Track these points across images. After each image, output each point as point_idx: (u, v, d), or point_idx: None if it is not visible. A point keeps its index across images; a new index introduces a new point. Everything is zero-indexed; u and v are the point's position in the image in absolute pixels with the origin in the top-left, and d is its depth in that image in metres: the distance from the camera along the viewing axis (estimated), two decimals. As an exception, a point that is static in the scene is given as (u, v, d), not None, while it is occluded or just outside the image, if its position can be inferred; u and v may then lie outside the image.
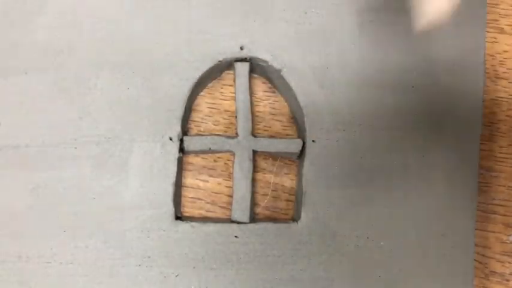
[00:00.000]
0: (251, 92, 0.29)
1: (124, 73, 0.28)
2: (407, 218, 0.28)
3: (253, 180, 0.29)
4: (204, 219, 0.28)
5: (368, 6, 0.29)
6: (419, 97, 0.28)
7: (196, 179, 0.29)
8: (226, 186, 0.29)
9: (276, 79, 0.29)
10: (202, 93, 0.30)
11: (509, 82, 0.31)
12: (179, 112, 0.28)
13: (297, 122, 0.30)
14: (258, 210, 0.29)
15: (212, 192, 0.29)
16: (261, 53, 0.28)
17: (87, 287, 0.26)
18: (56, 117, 0.28)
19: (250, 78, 0.29)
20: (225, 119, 0.30)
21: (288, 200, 0.29)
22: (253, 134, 0.29)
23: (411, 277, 0.27)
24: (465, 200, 0.28)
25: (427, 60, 0.29)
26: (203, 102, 0.30)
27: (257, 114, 0.30)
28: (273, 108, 0.30)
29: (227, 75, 0.30)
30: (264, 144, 0.28)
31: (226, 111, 0.30)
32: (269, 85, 0.30)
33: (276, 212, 0.29)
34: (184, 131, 0.29)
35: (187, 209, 0.29)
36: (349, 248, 0.27)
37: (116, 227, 0.27)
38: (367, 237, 0.27)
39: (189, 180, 0.29)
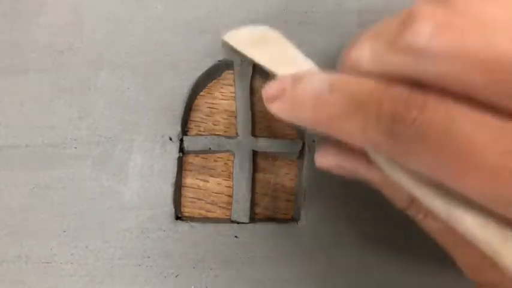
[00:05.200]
0: (251, 92, 0.29)
1: (124, 73, 0.28)
2: (407, 218, 0.28)
3: (253, 180, 0.29)
4: (204, 219, 0.28)
5: (368, 6, 0.29)
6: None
7: (196, 179, 0.29)
8: (226, 186, 0.29)
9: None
10: (202, 93, 0.30)
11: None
12: (179, 112, 0.28)
13: (297, 122, 0.29)
14: (258, 210, 0.29)
15: (212, 192, 0.29)
16: (261, 53, 0.28)
17: (87, 287, 0.26)
18: (56, 117, 0.28)
19: (251, 78, 0.29)
20: (225, 119, 0.30)
21: (288, 200, 0.29)
22: (253, 134, 0.29)
23: (411, 277, 0.27)
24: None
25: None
26: (203, 102, 0.30)
27: (257, 114, 0.30)
28: (273, 108, 0.30)
29: (227, 75, 0.30)
30: (264, 144, 0.28)
31: (226, 111, 0.30)
32: (269, 85, 0.30)
33: (276, 212, 0.29)
34: (184, 131, 0.29)
35: (187, 209, 0.29)
36: (349, 248, 0.27)
37: (116, 227, 0.27)
38: (367, 237, 0.27)
39: (189, 180, 0.29)
